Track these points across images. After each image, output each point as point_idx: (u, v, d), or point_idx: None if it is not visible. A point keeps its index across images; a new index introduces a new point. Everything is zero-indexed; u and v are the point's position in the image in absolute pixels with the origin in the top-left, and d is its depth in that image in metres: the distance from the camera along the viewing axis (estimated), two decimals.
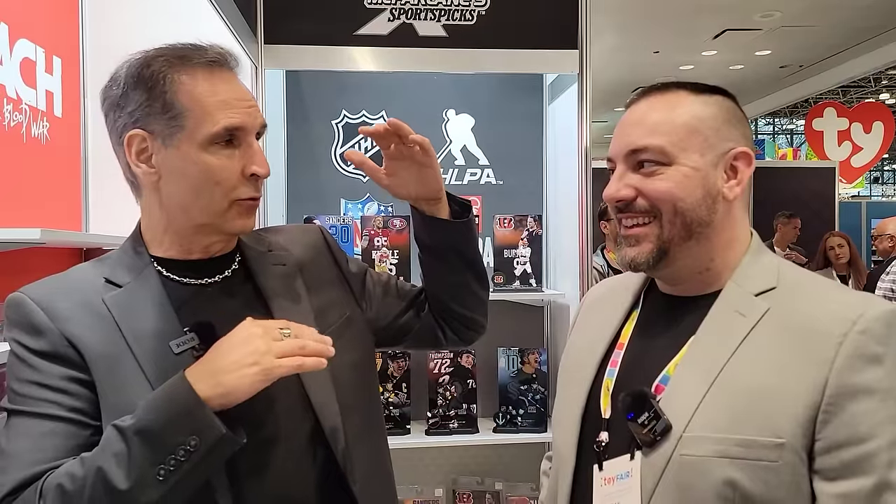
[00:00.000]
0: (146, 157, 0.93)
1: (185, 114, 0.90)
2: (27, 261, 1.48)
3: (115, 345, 0.90)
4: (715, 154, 0.93)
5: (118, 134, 0.93)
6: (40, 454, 0.84)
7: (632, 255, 0.95)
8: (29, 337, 0.89)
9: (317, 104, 2.73)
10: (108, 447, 0.81)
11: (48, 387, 0.87)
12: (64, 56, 1.61)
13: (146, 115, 0.91)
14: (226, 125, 0.91)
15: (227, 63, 0.96)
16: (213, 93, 0.92)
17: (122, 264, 0.97)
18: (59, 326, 0.89)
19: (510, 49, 2.43)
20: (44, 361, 0.88)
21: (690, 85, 0.97)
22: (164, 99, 0.90)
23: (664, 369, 0.92)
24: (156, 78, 0.91)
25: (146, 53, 0.94)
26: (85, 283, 0.95)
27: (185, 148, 0.91)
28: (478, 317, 1.22)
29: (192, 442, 0.79)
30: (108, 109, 0.95)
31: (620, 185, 0.95)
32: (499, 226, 2.54)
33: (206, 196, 0.92)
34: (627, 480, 0.89)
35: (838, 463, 0.81)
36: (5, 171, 1.39)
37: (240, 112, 0.93)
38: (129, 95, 0.92)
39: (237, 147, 0.93)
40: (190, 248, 0.98)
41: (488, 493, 2.66)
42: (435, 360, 2.54)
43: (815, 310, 0.87)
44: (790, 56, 9.12)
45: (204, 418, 0.79)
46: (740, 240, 0.96)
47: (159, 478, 0.78)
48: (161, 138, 0.91)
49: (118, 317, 0.91)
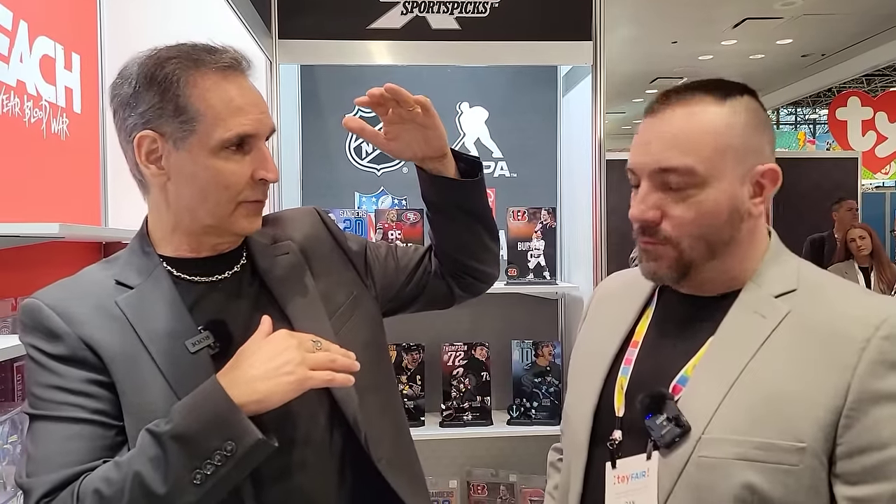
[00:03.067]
0: (156, 158, 0.92)
1: (198, 118, 0.90)
2: (47, 255, 1.52)
3: (132, 346, 0.91)
4: (743, 169, 0.89)
5: (128, 133, 0.93)
6: (69, 457, 0.85)
7: (653, 269, 0.93)
8: (47, 342, 0.90)
9: (331, 98, 2.75)
10: (143, 452, 0.82)
11: (70, 390, 0.88)
12: (83, 53, 1.64)
13: (158, 117, 0.91)
14: (238, 132, 0.91)
15: (241, 67, 0.95)
16: (226, 98, 0.91)
17: (131, 265, 0.97)
18: (76, 330, 0.90)
19: (523, 41, 2.42)
20: (63, 366, 0.89)
21: (713, 88, 0.91)
22: (176, 102, 0.90)
23: (682, 370, 0.91)
24: (169, 80, 0.90)
25: (159, 53, 0.93)
26: (96, 286, 0.95)
27: (196, 151, 0.91)
28: (490, 269, 1.20)
29: (229, 447, 0.80)
30: (118, 107, 0.94)
31: (646, 207, 0.91)
32: (513, 218, 2.54)
33: (214, 199, 0.93)
34: (643, 480, 0.89)
35: (859, 468, 0.81)
36: (26, 167, 1.42)
37: (252, 119, 0.93)
38: (140, 95, 0.91)
39: (247, 152, 0.94)
40: (199, 247, 0.99)
41: (502, 485, 2.67)
42: (449, 353, 2.56)
43: (837, 313, 0.86)
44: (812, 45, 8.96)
45: (239, 424, 0.81)
46: (759, 242, 0.94)
47: (196, 482, 0.80)
48: (172, 141, 0.91)
49: (132, 318, 0.92)
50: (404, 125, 1.07)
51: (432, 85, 2.76)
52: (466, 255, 1.16)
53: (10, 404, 1.28)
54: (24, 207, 1.40)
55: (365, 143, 2.77)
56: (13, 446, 1.21)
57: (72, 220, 1.53)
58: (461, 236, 1.15)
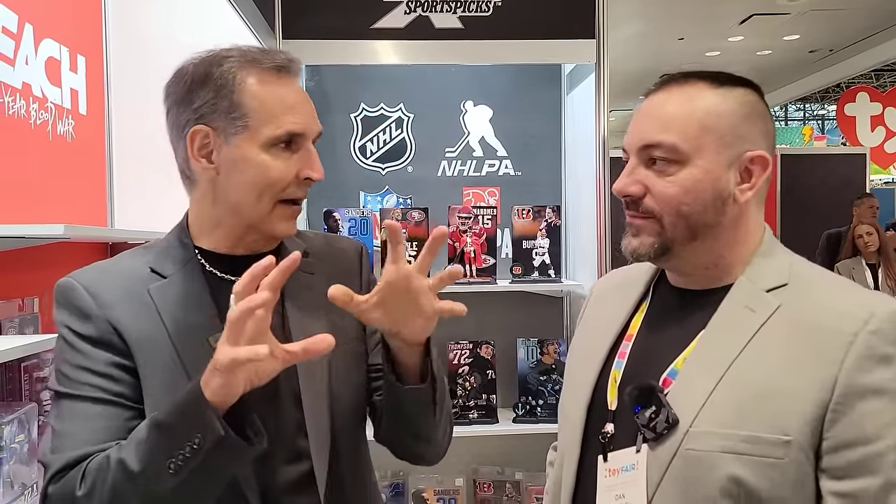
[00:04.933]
0: (207, 152, 0.95)
1: (251, 114, 0.93)
2: (53, 256, 1.53)
3: (157, 333, 0.94)
4: (730, 154, 0.90)
5: (181, 128, 0.96)
6: (91, 434, 0.89)
7: (634, 245, 0.95)
8: (77, 321, 0.93)
9: (335, 98, 2.75)
10: (134, 436, 0.85)
11: (94, 372, 0.91)
12: (88, 55, 1.65)
13: (211, 112, 0.93)
14: (289, 129, 0.94)
15: (292, 69, 0.98)
16: (278, 96, 0.94)
17: (168, 255, 1.00)
18: (105, 313, 0.93)
19: (527, 40, 2.43)
20: (90, 346, 0.92)
21: (711, 76, 0.93)
22: (231, 98, 0.93)
23: (672, 363, 0.92)
24: (225, 77, 0.93)
25: (216, 52, 0.96)
26: (132, 270, 0.98)
27: (247, 147, 0.93)
28: (414, 453, 1.07)
29: (197, 440, 0.81)
30: (172, 104, 0.97)
31: (630, 181, 0.93)
32: (517, 217, 2.54)
33: (257, 193, 0.95)
34: (633, 473, 0.89)
35: (845, 462, 0.81)
36: (32, 169, 1.43)
37: (302, 118, 0.96)
38: (195, 92, 0.94)
39: (295, 151, 0.96)
40: (237, 244, 1.00)
41: (508, 482, 2.68)
42: (454, 351, 2.56)
43: (826, 307, 0.86)
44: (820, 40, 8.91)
45: (205, 417, 0.80)
46: (752, 235, 0.94)
47: (170, 470, 0.81)
48: (224, 136, 0.93)
49: (161, 307, 0.95)
50: (407, 297, 0.90)
51: (436, 84, 2.77)
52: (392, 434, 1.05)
53: (18, 403, 1.30)
54: (30, 209, 1.42)
55: (370, 142, 2.78)
56: (20, 445, 1.22)
57: (78, 222, 1.55)
58: (392, 417, 1.03)
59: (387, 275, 0.89)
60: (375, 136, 2.77)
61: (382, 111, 2.78)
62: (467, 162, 2.80)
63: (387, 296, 0.89)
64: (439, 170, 2.79)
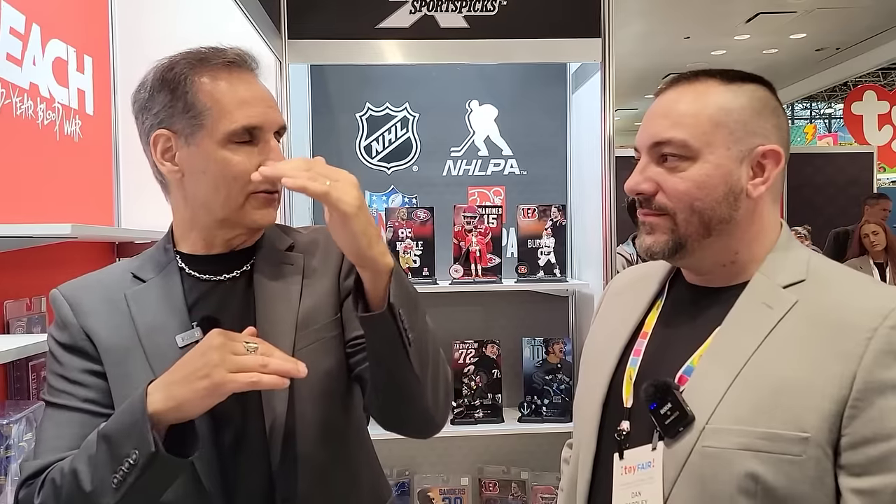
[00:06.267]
0: (170, 155, 0.97)
1: (206, 112, 0.94)
2: (61, 255, 1.54)
3: (128, 339, 0.95)
4: (741, 149, 0.90)
5: (146, 134, 0.98)
6: (60, 441, 0.91)
7: (648, 242, 0.95)
8: (58, 330, 0.97)
9: (341, 97, 2.76)
10: (86, 448, 0.86)
11: (67, 379, 0.94)
12: (95, 55, 1.66)
13: (170, 116, 0.95)
14: (244, 124, 0.94)
15: (247, 63, 0.99)
16: (231, 92, 0.95)
17: (151, 260, 1.02)
18: (80, 321, 0.96)
19: (532, 39, 2.42)
20: (67, 354, 0.95)
21: (722, 73, 0.93)
22: (185, 99, 0.94)
23: (688, 360, 0.92)
24: (178, 79, 0.95)
25: (171, 57, 0.98)
26: (114, 278, 1.01)
27: (206, 145, 0.94)
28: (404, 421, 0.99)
29: (133, 455, 0.80)
30: (138, 112, 0.99)
31: (641, 179, 0.93)
32: (523, 216, 2.54)
33: (225, 191, 0.95)
34: (649, 470, 0.89)
35: (864, 459, 0.80)
36: (40, 168, 1.44)
37: (258, 111, 0.96)
38: (154, 98, 0.96)
39: (255, 145, 0.96)
40: (213, 242, 1.01)
41: (514, 482, 2.68)
42: (460, 350, 2.56)
43: (844, 303, 0.86)
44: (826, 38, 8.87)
45: (141, 433, 0.80)
46: (767, 232, 0.94)
47: (113, 485, 0.81)
48: (183, 137, 0.95)
49: (134, 311, 0.97)
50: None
51: (441, 83, 2.77)
52: (374, 389, 0.96)
53: (26, 402, 1.30)
54: (38, 208, 1.42)
55: (375, 142, 2.78)
56: (28, 444, 1.23)
57: (85, 221, 1.55)
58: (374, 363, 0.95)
59: None
60: (381, 136, 2.78)
61: (388, 111, 2.78)
62: (472, 161, 2.80)
63: None
64: (444, 169, 2.79)
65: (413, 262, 2.48)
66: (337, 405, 1.02)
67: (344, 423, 1.04)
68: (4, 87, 1.31)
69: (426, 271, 2.48)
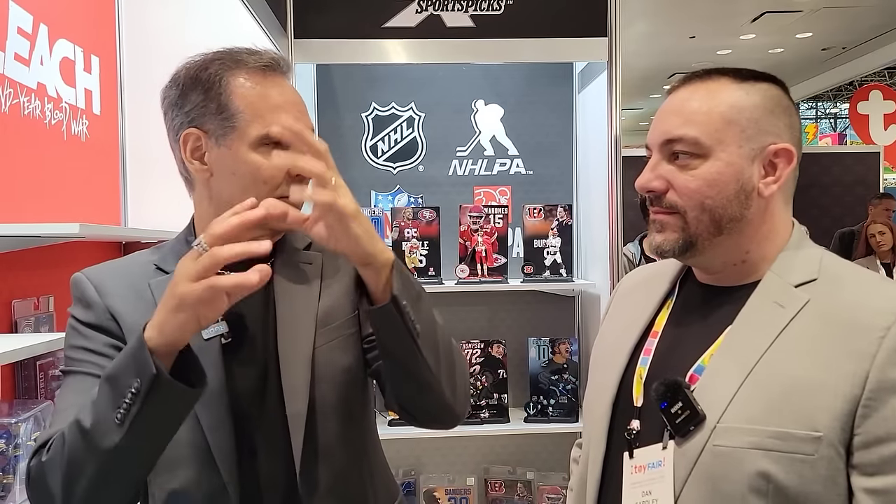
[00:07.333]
0: (199, 154, 0.97)
1: (238, 115, 0.94)
2: (68, 255, 1.54)
3: None
4: (753, 147, 0.90)
5: (175, 132, 0.98)
6: (77, 409, 0.89)
7: (658, 240, 0.95)
8: (81, 310, 0.98)
9: (347, 97, 2.76)
10: (91, 395, 0.85)
11: (92, 350, 0.95)
12: (102, 55, 1.66)
13: (202, 115, 0.95)
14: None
15: (280, 68, 0.99)
16: (265, 96, 0.95)
17: (173, 252, 1.02)
18: (105, 301, 0.97)
19: (538, 38, 2.42)
20: (91, 331, 0.96)
21: (734, 71, 0.93)
22: (219, 100, 0.94)
23: (699, 359, 0.91)
24: (212, 80, 0.95)
25: (205, 56, 0.98)
26: (137, 266, 1.02)
27: (236, 147, 0.95)
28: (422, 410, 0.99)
29: (135, 383, 0.79)
30: (167, 108, 0.99)
31: (652, 176, 0.93)
32: (528, 216, 2.53)
33: (252, 193, 0.94)
34: (659, 469, 0.89)
35: (877, 458, 0.80)
36: (47, 168, 1.44)
37: (290, 116, 0.96)
38: (186, 96, 0.96)
39: (285, 149, 0.96)
40: (235, 241, 1.00)
41: (520, 482, 2.67)
42: (466, 350, 2.56)
43: (857, 302, 0.85)
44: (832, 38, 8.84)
45: (142, 358, 0.79)
46: (779, 232, 0.94)
47: (117, 421, 0.80)
48: (214, 137, 0.95)
49: (158, 300, 0.95)
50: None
51: (447, 82, 2.77)
52: (391, 387, 0.99)
53: (33, 401, 1.31)
54: (45, 208, 1.43)
55: (381, 142, 2.78)
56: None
57: (92, 221, 1.56)
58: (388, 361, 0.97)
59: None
60: (386, 136, 2.78)
61: (393, 110, 2.78)
62: (478, 161, 2.80)
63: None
64: (450, 169, 2.79)
65: (419, 261, 2.48)
66: (355, 401, 1.04)
67: (361, 419, 1.05)
68: (12, 86, 1.31)
69: (432, 271, 2.48)
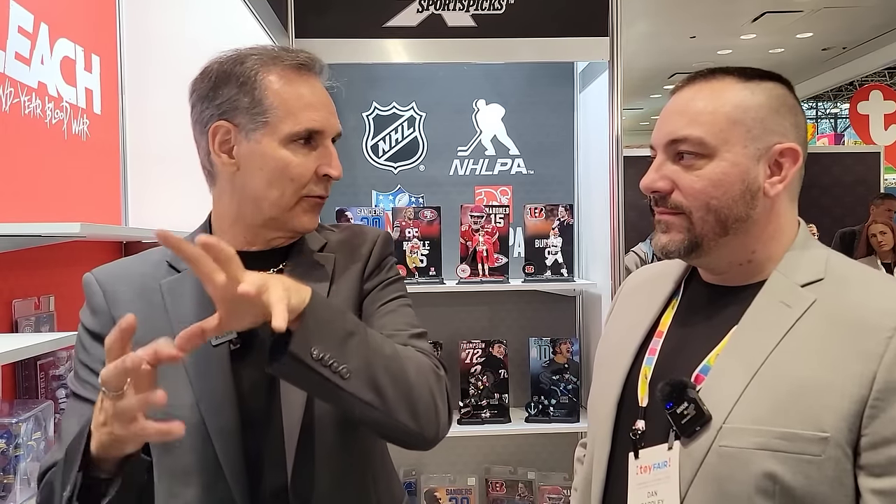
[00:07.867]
0: (228, 148, 0.96)
1: (271, 110, 0.94)
2: (69, 254, 1.54)
3: (161, 332, 0.91)
4: (758, 147, 0.89)
5: (203, 124, 0.97)
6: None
7: (663, 241, 0.94)
8: (89, 315, 0.97)
9: (347, 97, 2.73)
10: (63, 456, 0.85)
11: (91, 370, 0.93)
12: (102, 54, 1.66)
13: (233, 109, 0.95)
14: (307, 126, 0.95)
15: (315, 68, 1.00)
16: (298, 94, 0.96)
17: None
18: (113, 310, 0.95)
19: (540, 38, 2.42)
20: (93, 342, 0.95)
21: (739, 71, 0.93)
22: (252, 95, 0.94)
23: (704, 359, 0.91)
24: (247, 74, 0.95)
25: (240, 51, 0.98)
26: (150, 266, 1.00)
27: (266, 142, 0.95)
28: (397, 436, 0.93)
29: (77, 478, 0.80)
30: (196, 101, 0.98)
31: (657, 177, 0.93)
32: (529, 216, 2.53)
33: (279, 190, 0.96)
34: (665, 469, 0.88)
35: (884, 459, 0.79)
36: (48, 167, 1.44)
37: (321, 116, 0.97)
38: (219, 89, 0.96)
39: (314, 148, 0.97)
40: (254, 239, 1.01)
41: (521, 482, 2.67)
42: (467, 350, 2.55)
43: (864, 303, 0.85)
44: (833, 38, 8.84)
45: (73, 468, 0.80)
46: (785, 231, 0.93)
47: (65, 499, 0.81)
48: (244, 131, 0.95)
49: (168, 303, 0.96)
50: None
51: (448, 82, 2.76)
52: None
53: (34, 401, 1.30)
54: (46, 207, 1.42)
55: (382, 141, 2.78)
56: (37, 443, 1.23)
57: (93, 220, 1.55)
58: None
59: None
60: (387, 135, 2.77)
61: (394, 110, 2.77)
62: (479, 161, 2.79)
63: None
64: (451, 169, 2.79)
65: (420, 261, 2.47)
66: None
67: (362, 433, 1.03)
68: (13, 85, 1.31)
69: (433, 271, 2.47)
